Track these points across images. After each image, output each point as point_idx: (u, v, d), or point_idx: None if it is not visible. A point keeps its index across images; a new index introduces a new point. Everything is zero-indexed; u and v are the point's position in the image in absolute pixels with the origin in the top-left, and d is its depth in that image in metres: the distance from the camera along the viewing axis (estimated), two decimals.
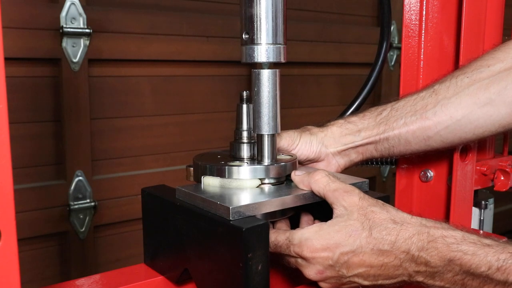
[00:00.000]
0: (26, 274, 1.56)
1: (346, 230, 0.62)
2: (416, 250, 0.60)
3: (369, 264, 0.61)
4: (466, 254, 0.58)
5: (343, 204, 0.63)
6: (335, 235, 0.62)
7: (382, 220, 0.62)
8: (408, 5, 0.96)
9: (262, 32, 0.66)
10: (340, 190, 0.65)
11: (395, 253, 0.60)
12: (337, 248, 0.61)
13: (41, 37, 1.49)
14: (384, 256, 0.61)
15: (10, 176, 0.39)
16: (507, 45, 0.76)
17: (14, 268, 0.40)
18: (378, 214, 0.62)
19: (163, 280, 0.73)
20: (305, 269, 0.64)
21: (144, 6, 1.72)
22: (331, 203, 0.65)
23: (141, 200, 0.76)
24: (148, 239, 0.76)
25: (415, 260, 0.60)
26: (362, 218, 0.62)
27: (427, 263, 0.60)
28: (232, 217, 0.59)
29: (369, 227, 0.61)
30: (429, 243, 0.60)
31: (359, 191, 0.65)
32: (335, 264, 0.62)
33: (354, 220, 0.62)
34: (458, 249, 0.59)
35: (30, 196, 1.53)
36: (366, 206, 0.63)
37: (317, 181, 0.67)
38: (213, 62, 1.86)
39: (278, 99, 0.70)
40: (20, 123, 1.51)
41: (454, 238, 0.60)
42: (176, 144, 1.83)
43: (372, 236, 0.61)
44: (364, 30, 2.29)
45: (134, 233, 1.76)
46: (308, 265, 0.63)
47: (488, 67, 0.74)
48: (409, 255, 0.60)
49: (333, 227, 0.62)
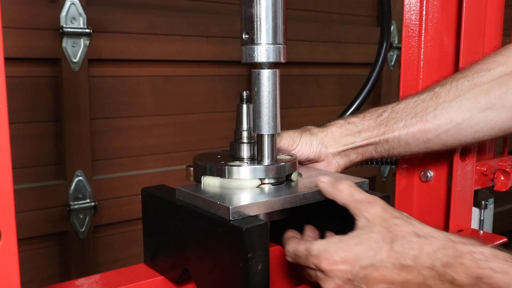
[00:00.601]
0: (26, 274, 1.56)
1: (366, 243, 0.59)
2: (441, 266, 0.56)
3: (391, 280, 0.58)
4: (496, 272, 0.54)
5: (366, 215, 0.60)
6: (355, 248, 0.59)
7: (404, 233, 0.59)
8: (408, 5, 0.96)
9: (262, 32, 0.66)
10: (363, 201, 0.62)
11: (418, 269, 0.57)
12: (356, 262, 0.58)
13: (41, 37, 1.49)
14: (406, 272, 0.57)
15: (10, 176, 0.39)
16: (508, 48, 0.76)
17: (14, 268, 0.40)
18: (401, 227, 0.59)
19: (163, 280, 0.73)
20: (324, 283, 0.61)
21: (144, 6, 1.72)
22: (354, 215, 0.62)
23: (141, 200, 0.76)
24: (148, 239, 0.76)
25: (439, 277, 0.56)
26: (383, 231, 0.59)
27: (453, 280, 0.56)
28: (232, 217, 0.59)
29: (391, 240, 0.58)
30: (455, 258, 0.56)
31: (383, 202, 0.62)
32: (354, 278, 0.58)
33: (375, 232, 0.59)
34: (487, 266, 0.54)
35: (30, 196, 1.53)
36: (389, 218, 0.60)
37: (341, 191, 0.64)
38: (213, 62, 1.86)
39: (278, 99, 0.70)
40: (20, 123, 1.51)
41: (482, 254, 0.56)
42: (176, 144, 1.83)
43: (393, 250, 0.58)
44: (364, 30, 2.29)
45: (134, 233, 1.76)
46: (326, 279, 0.60)
47: (488, 71, 0.74)
48: (434, 271, 0.57)
49: (353, 239, 0.59)
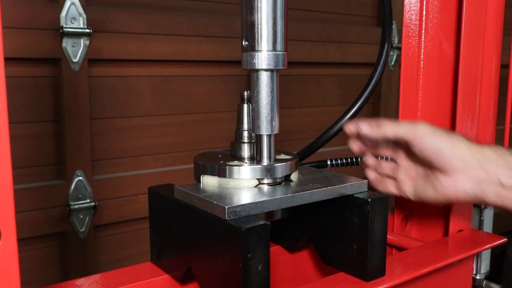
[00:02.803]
0: (26, 274, 1.56)
1: None
2: None
3: None
4: None
5: None
6: None
7: None
8: (408, 5, 0.96)
9: (262, 39, 0.67)
10: None
11: None
12: None
13: (41, 37, 1.49)
14: None
15: (10, 176, 0.39)
16: None
17: (14, 268, 0.40)
18: None
19: (163, 280, 0.74)
20: None
21: (144, 6, 1.72)
22: None
23: (148, 199, 0.77)
24: (154, 237, 0.77)
25: None
26: None
27: None
28: (228, 216, 0.59)
29: None
30: None
31: None
32: None
33: None
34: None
35: (30, 196, 1.53)
36: None
37: None
38: (213, 62, 1.86)
39: (277, 99, 0.70)
40: (20, 123, 1.51)
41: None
42: (176, 144, 1.83)
43: None
44: (364, 30, 2.29)
45: (134, 233, 1.76)
46: None
47: None
48: None
49: None
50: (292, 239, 0.84)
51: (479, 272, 1.01)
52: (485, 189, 0.73)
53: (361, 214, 0.69)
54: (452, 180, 0.75)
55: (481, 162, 0.73)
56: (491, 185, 0.72)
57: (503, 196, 0.72)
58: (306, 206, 0.70)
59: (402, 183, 0.83)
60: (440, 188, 0.76)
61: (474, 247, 0.87)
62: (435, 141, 0.74)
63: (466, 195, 0.75)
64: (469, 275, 0.94)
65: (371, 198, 0.69)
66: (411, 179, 0.81)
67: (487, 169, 0.72)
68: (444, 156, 0.74)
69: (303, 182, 0.73)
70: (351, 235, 0.71)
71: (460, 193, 0.75)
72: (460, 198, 0.75)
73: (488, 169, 0.72)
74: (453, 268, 0.88)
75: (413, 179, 0.81)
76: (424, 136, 0.74)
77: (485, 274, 1.01)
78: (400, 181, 0.83)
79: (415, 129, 0.75)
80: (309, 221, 0.79)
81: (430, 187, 0.78)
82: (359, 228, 0.69)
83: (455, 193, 0.75)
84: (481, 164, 0.73)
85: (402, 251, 0.89)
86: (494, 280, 0.99)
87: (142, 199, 1.72)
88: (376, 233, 0.69)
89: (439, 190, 0.76)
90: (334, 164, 1.08)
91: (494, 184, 0.72)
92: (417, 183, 0.80)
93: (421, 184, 0.80)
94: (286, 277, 0.87)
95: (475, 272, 1.00)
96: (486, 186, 0.72)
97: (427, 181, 0.78)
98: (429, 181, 0.78)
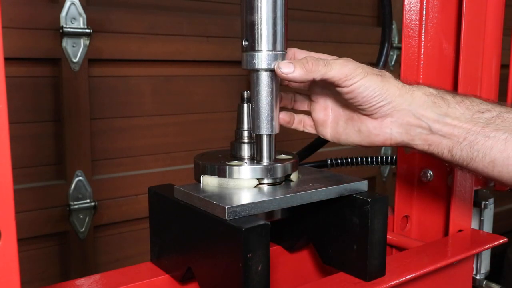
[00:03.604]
0: (26, 274, 1.56)
1: None
2: None
3: None
4: None
5: None
6: None
7: None
8: (408, 5, 0.96)
9: (262, 39, 0.67)
10: None
11: None
12: None
13: (41, 37, 1.49)
14: None
15: (10, 176, 0.39)
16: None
17: (14, 268, 0.40)
18: None
19: (163, 280, 0.74)
20: None
21: (144, 6, 1.72)
22: None
23: (148, 199, 0.77)
24: (154, 237, 0.77)
25: None
26: None
27: None
28: (227, 216, 0.60)
29: None
30: None
31: None
32: None
33: None
34: None
35: (30, 196, 1.53)
36: None
37: None
38: (213, 62, 1.86)
39: (277, 99, 0.71)
40: (20, 123, 1.51)
41: None
42: (176, 144, 1.83)
43: None
44: (364, 30, 2.29)
45: (134, 233, 1.76)
46: None
47: None
48: None
49: None
50: (292, 239, 0.84)
51: (479, 272, 1.01)
52: (413, 135, 0.69)
53: (361, 214, 0.69)
54: (379, 124, 0.70)
55: (412, 106, 0.68)
56: (420, 131, 0.68)
57: (431, 142, 0.69)
58: (306, 206, 0.70)
59: (320, 123, 0.76)
60: (365, 131, 0.71)
61: (474, 247, 0.87)
62: (364, 82, 0.67)
63: (393, 140, 0.71)
64: (469, 275, 0.94)
65: (371, 198, 0.69)
66: (331, 119, 0.75)
67: (416, 114, 0.68)
68: (373, 100, 0.68)
69: (303, 182, 0.73)
70: (351, 235, 0.71)
71: (386, 138, 0.71)
72: (386, 143, 0.71)
73: (418, 114, 0.68)
74: (453, 268, 0.88)
75: (333, 119, 0.75)
76: (353, 76, 0.67)
77: (485, 274, 1.02)
78: (317, 121, 0.76)
79: (343, 69, 0.67)
80: (309, 221, 0.79)
81: (353, 130, 0.72)
82: (359, 228, 0.69)
83: (381, 138, 0.71)
84: (411, 109, 0.68)
85: (402, 251, 0.89)
86: (494, 280, 0.99)
87: (142, 199, 1.72)
88: (376, 233, 0.69)
89: (364, 134, 0.72)
90: (334, 164, 1.08)
91: (423, 129, 0.68)
92: (338, 125, 0.74)
93: (342, 126, 0.74)
94: (286, 277, 0.87)
95: (475, 272, 1.00)
96: (415, 132, 0.69)
97: (350, 123, 0.73)
98: (352, 123, 0.73)
